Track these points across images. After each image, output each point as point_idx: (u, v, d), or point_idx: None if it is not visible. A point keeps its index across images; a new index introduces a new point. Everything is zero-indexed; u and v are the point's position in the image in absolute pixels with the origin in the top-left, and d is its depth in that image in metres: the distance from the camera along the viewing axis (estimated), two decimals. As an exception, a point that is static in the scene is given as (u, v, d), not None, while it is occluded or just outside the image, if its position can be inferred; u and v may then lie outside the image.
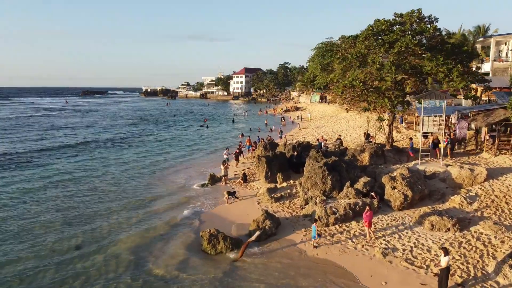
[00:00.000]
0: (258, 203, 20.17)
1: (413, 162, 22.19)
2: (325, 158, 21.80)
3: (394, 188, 17.68)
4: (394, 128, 27.45)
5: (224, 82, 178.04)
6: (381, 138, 31.05)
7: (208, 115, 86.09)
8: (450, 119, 28.39)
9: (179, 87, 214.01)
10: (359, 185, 18.35)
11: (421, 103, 25.40)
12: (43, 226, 17.65)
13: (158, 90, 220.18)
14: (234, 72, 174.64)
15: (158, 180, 26.10)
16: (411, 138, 25.86)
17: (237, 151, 30.73)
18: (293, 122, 64.52)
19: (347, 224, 16.50)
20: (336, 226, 16.41)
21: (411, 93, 25.69)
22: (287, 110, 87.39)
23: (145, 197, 22.02)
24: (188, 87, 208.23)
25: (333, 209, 16.85)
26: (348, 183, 18.53)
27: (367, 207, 15.36)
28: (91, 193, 22.80)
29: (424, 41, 21.96)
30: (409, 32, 21.99)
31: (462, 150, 25.44)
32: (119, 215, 19.04)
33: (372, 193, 18.01)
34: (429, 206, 17.38)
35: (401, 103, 21.94)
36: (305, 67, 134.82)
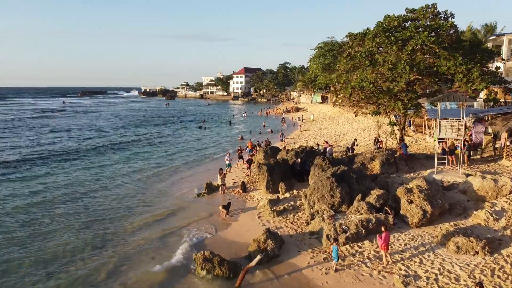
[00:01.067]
0: (259, 217, 18.28)
1: (428, 171, 20.32)
2: (332, 166, 19.96)
3: (411, 202, 15.79)
4: (397, 129, 25.49)
5: (223, 82, 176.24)
6: (389, 143, 29.16)
7: (207, 116, 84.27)
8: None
9: (178, 87, 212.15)
10: (372, 198, 16.46)
11: (436, 106, 23.63)
12: (46, 254, 14.89)
13: (157, 90, 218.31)
14: (233, 72, 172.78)
15: (159, 194, 23.11)
16: (402, 139, 24.10)
17: (250, 157, 27.73)
18: (294, 124, 62.62)
19: (359, 244, 14.60)
20: (347, 246, 14.50)
21: (423, 95, 23.78)
22: (288, 111, 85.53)
23: (146, 217, 19.01)
24: (187, 87, 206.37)
25: (344, 226, 14.96)
26: (359, 196, 16.64)
27: (383, 227, 13.46)
28: (89, 210, 19.99)
29: (440, 38, 20.02)
30: (423, 28, 20.10)
31: (479, 156, 23.57)
32: (113, 242, 16.17)
33: (386, 208, 16.11)
34: (451, 223, 15.50)
35: (415, 106, 20.03)
36: (305, 67, 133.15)
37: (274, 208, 18.72)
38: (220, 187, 22.40)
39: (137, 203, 21.29)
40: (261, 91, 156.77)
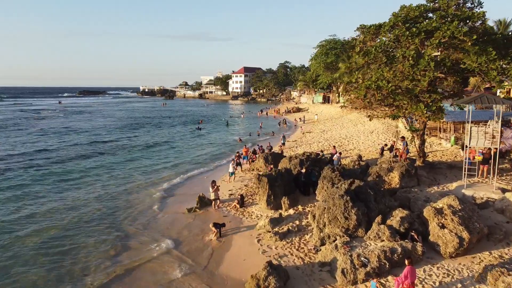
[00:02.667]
0: (258, 241, 15.45)
1: (455, 184, 17.52)
2: (343, 178, 17.19)
3: (443, 227, 13.02)
4: (416, 136, 22.68)
5: (222, 81, 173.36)
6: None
7: (205, 116, 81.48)
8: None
9: (177, 87, 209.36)
10: (394, 221, 13.66)
11: (462, 108, 20.91)
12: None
13: (156, 89, 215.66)
14: (233, 71, 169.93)
15: (146, 218, 18.97)
16: (403, 137, 21.12)
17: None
18: (295, 125, 59.67)
19: (382, 281, 11.81)
20: (368, 284, 11.74)
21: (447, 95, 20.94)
22: (288, 111, 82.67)
23: (131, 262, 14.47)
24: (186, 86, 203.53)
25: (362, 258, 12.18)
26: (378, 218, 13.85)
27: (407, 261, 10.74)
28: (63, 248, 15.63)
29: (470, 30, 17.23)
30: (450, 18, 17.31)
31: (507, 165, 20.77)
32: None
33: (413, 233, 13.32)
34: (493, 253, 12.73)
35: (440, 109, 17.25)
36: (306, 66, 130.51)
37: (276, 229, 15.97)
38: (213, 202, 19.58)
39: (116, 234, 16.99)
40: (261, 91, 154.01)
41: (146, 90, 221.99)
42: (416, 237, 13.19)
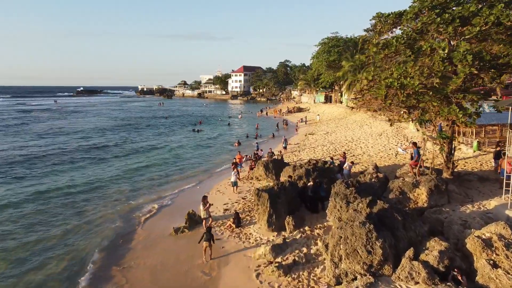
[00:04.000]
0: (257, 275, 12.52)
1: (493, 203, 14.55)
2: (359, 195, 14.29)
3: (495, 265, 10.11)
4: (431, 140, 19.73)
5: (222, 81, 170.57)
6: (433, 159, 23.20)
7: (204, 116, 78.66)
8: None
9: (176, 86, 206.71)
10: (431, 256, 10.72)
11: (500, 111, 18.04)
12: None
13: (154, 89, 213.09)
14: (232, 70, 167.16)
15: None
16: (415, 143, 17.85)
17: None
18: (297, 126, 56.57)
19: None
20: None
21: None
22: (289, 111, 79.81)
23: None
24: (185, 86, 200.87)
25: (394, 311, 9.28)
26: (410, 252, 10.91)
27: None
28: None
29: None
30: (489, 2, 14.39)
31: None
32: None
33: (455, 272, 10.41)
34: None
35: (476, 112, 14.34)
36: (306, 65, 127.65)
37: (280, 260, 13.06)
38: (204, 221, 16.60)
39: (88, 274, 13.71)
40: (261, 90, 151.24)
41: (145, 89, 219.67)
42: (459, 278, 10.28)
